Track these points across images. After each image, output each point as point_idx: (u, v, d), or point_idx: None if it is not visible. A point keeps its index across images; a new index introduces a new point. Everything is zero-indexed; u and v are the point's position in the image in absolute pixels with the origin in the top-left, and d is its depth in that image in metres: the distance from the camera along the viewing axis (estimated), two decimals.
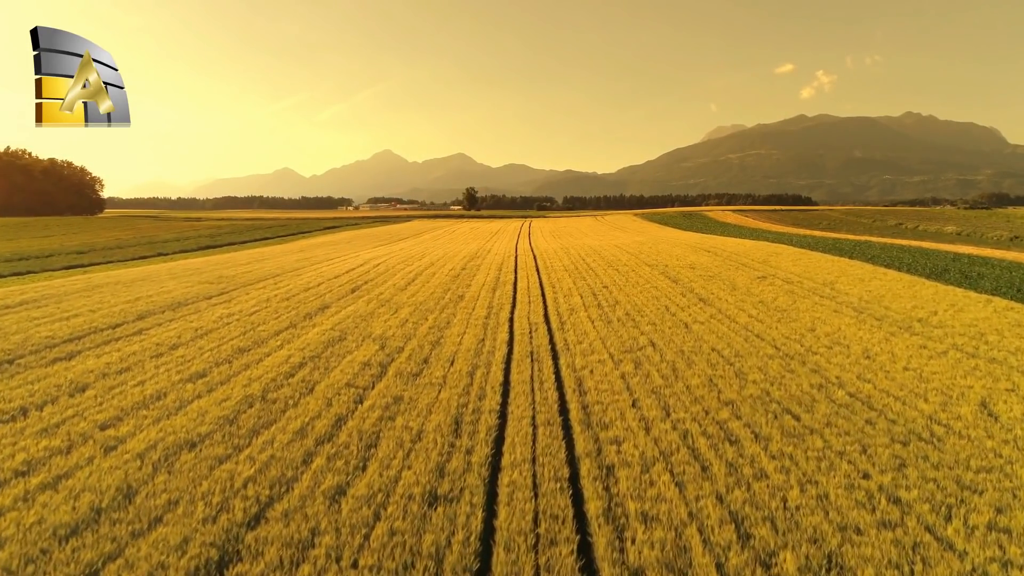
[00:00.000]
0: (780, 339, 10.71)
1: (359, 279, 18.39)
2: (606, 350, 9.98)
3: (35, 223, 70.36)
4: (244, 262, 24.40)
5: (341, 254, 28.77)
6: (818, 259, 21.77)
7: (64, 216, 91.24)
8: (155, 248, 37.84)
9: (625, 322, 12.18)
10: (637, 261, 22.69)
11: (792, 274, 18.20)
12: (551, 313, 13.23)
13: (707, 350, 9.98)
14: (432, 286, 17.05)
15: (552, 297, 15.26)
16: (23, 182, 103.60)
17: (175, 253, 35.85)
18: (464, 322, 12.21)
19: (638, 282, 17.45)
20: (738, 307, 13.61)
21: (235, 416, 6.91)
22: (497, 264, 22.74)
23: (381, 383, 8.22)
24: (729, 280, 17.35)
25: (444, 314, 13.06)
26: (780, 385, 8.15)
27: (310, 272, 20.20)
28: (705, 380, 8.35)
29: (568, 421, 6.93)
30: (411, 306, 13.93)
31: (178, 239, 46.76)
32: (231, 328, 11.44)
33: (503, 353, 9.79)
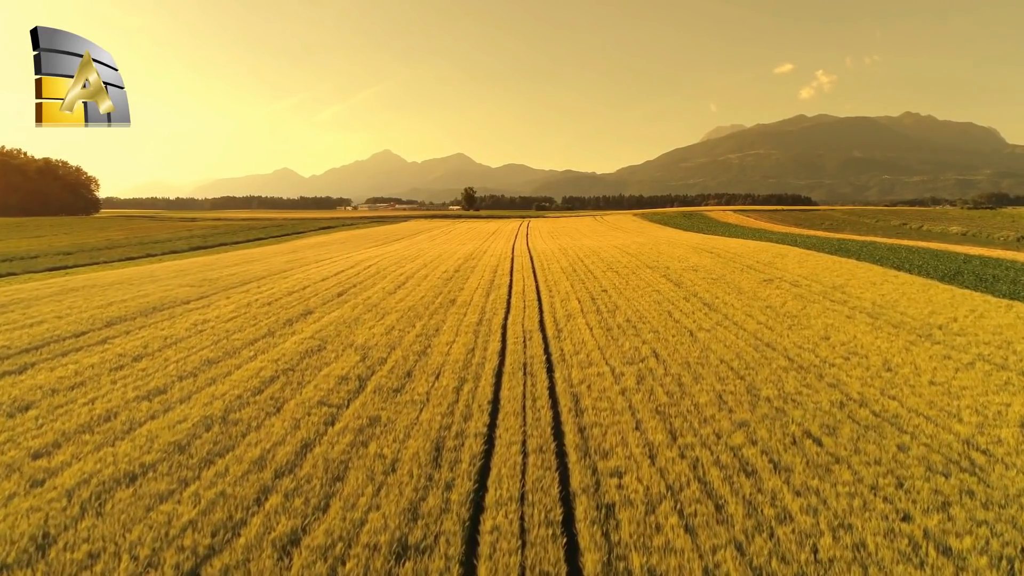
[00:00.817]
0: (793, 349, 9.95)
1: (347, 282, 17.62)
2: (605, 362, 9.22)
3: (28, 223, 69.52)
4: (231, 264, 23.62)
5: (333, 255, 28.00)
6: (825, 261, 21.02)
7: (58, 216, 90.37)
8: (144, 249, 37.03)
9: (626, 330, 11.42)
10: (637, 263, 21.94)
11: (799, 277, 17.45)
12: (547, 319, 12.47)
13: (715, 362, 9.22)
14: (423, 290, 16.28)
15: (548, 302, 14.50)
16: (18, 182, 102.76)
17: (164, 254, 35.05)
18: (454, 329, 11.45)
19: (639, 285, 16.69)
20: (745, 313, 12.85)
21: (188, 442, 6.13)
22: (492, 266, 21.98)
23: (357, 401, 7.45)
24: (734, 283, 16.60)
25: (434, 320, 12.29)
26: (797, 403, 7.39)
27: (298, 274, 19.42)
28: (714, 397, 7.59)
29: (563, 447, 6.17)
30: (399, 312, 13.17)
31: (170, 240, 45.95)
32: (203, 337, 10.67)
33: (494, 365, 9.03)
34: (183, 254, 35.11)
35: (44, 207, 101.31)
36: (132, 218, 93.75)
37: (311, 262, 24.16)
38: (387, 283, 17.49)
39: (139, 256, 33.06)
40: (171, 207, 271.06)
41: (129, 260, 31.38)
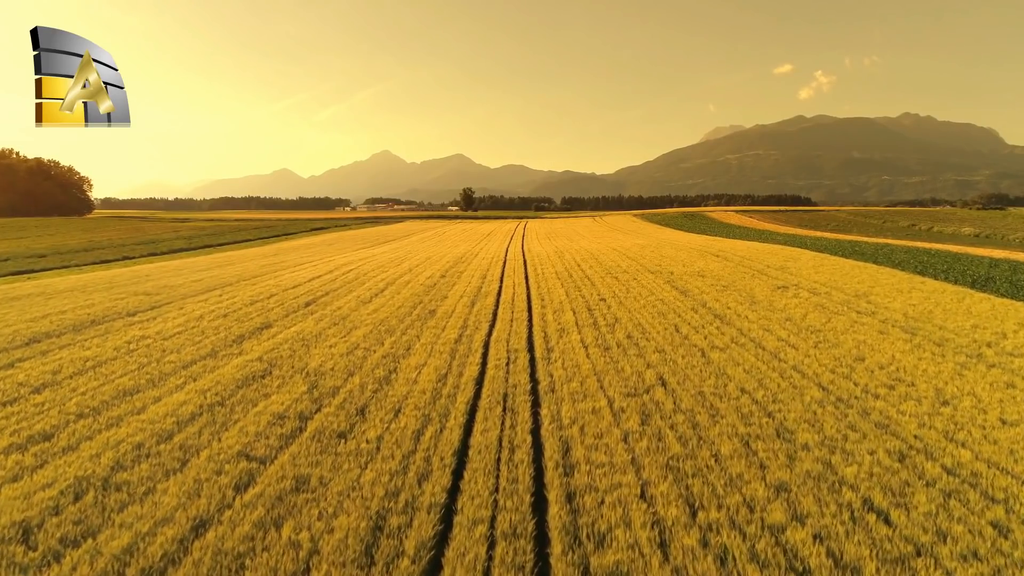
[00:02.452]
0: (824, 374, 8.39)
1: (320, 289, 16.04)
2: (603, 393, 7.65)
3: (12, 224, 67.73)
4: (203, 268, 22.03)
5: (315, 258, 26.42)
6: (841, 265, 19.48)
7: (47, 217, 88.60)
8: (123, 251, 35.43)
9: (627, 348, 9.85)
10: (639, 267, 20.37)
11: (817, 283, 15.90)
12: (536, 335, 10.89)
13: (734, 392, 7.66)
14: (402, 298, 14.70)
15: (540, 313, 12.93)
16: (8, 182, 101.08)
17: (143, 257, 33.48)
18: (428, 348, 9.87)
19: (641, 293, 15.12)
20: (763, 327, 11.29)
21: (39, 523, 4.56)
22: (482, 271, 20.40)
23: (288, 451, 5.88)
24: (746, 291, 15.04)
25: (406, 336, 10.71)
26: (846, 454, 5.83)
27: (269, 280, 17.84)
28: (739, 444, 6.02)
29: (544, 528, 4.60)
30: (369, 325, 11.59)
31: (154, 241, 44.36)
32: (131, 359, 9.08)
33: (468, 397, 7.45)
34: (162, 257, 33.54)
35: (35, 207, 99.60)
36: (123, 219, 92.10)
37: (289, 266, 22.57)
38: (364, 290, 15.91)
39: (114, 259, 31.48)
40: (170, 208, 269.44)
41: (103, 263, 29.80)
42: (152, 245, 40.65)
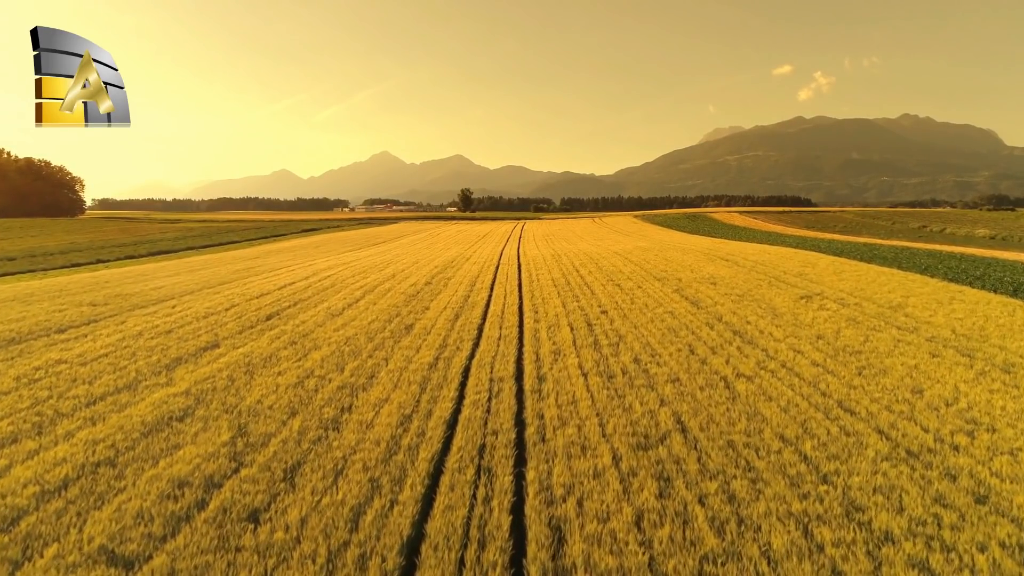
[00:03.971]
0: (881, 413, 6.74)
1: (289, 299, 14.36)
2: (607, 443, 5.99)
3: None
4: (171, 273, 20.34)
5: (296, 262, 24.74)
6: (864, 271, 17.84)
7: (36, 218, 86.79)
8: (99, 254, 33.73)
9: (634, 377, 8.19)
10: (643, 273, 18.72)
11: (843, 292, 14.25)
12: (527, 358, 9.22)
13: (773, 442, 6.00)
14: (378, 309, 13.03)
15: (532, 329, 11.27)
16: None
17: (118, 259, 31.79)
18: (395, 376, 8.20)
19: (647, 304, 13.47)
20: (792, 347, 9.64)
21: None
22: (472, 277, 18.73)
23: (172, 544, 4.21)
24: (766, 302, 13.39)
25: (373, 360, 9.04)
26: (947, 549, 4.17)
27: (235, 288, 16.16)
28: (797, 533, 4.36)
29: None
30: (333, 344, 9.92)
31: (136, 243, 42.68)
32: (27, 393, 7.40)
33: (433, 452, 5.79)
34: (140, 260, 31.85)
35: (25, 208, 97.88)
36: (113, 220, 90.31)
37: (265, 271, 20.89)
38: (337, 300, 14.24)
39: (86, 263, 29.78)
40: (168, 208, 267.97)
41: (74, 267, 28.13)
42: (133, 247, 38.95)
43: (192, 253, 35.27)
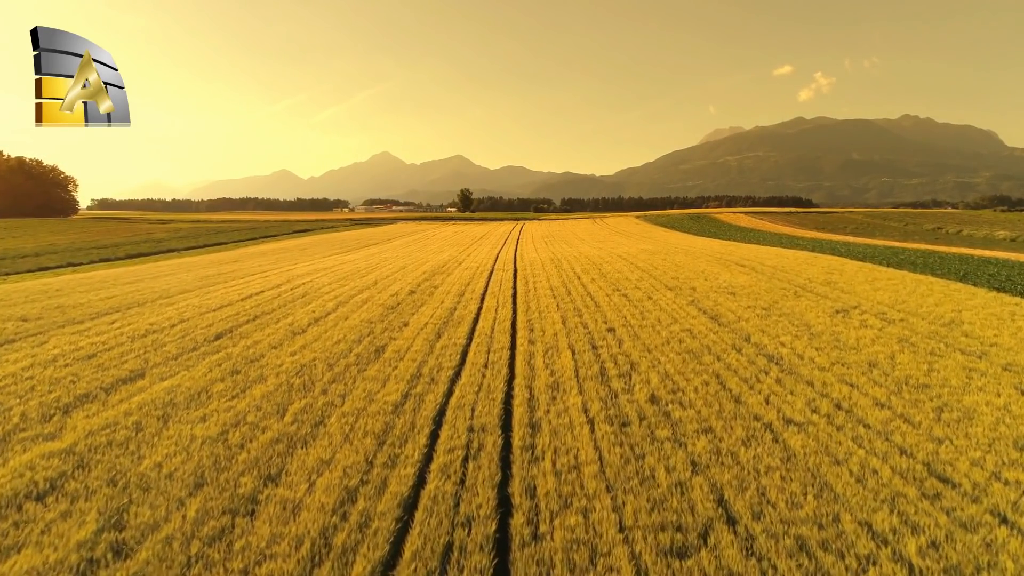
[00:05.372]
0: (992, 486, 4.95)
1: (249, 312, 12.56)
2: (626, 547, 4.19)
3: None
4: (131, 280, 18.54)
5: (276, 266, 22.94)
6: (898, 279, 16.06)
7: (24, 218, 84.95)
8: (73, 257, 31.95)
9: (655, 426, 6.40)
10: (652, 281, 16.94)
11: (883, 305, 12.46)
12: (517, 397, 7.43)
13: (861, 542, 4.22)
14: (348, 326, 11.25)
15: (526, 352, 9.48)
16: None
17: (91, 263, 30.00)
18: (348, 424, 6.42)
19: (660, 320, 11.68)
20: (842, 378, 7.86)
21: None
22: (461, 285, 16.93)
23: None
24: (796, 316, 11.60)
25: (325, 399, 7.26)
26: None
27: (192, 299, 14.36)
28: None
29: None
30: (282, 376, 8.13)
31: (116, 245, 40.90)
32: None
33: (373, 565, 4.00)
34: (116, 263, 30.07)
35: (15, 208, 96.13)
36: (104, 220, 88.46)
37: (237, 277, 19.09)
38: (304, 314, 12.45)
39: (56, 266, 28.00)
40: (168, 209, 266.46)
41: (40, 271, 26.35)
42: (112, 249, 37.14)
43: (173, 256, 33.50)
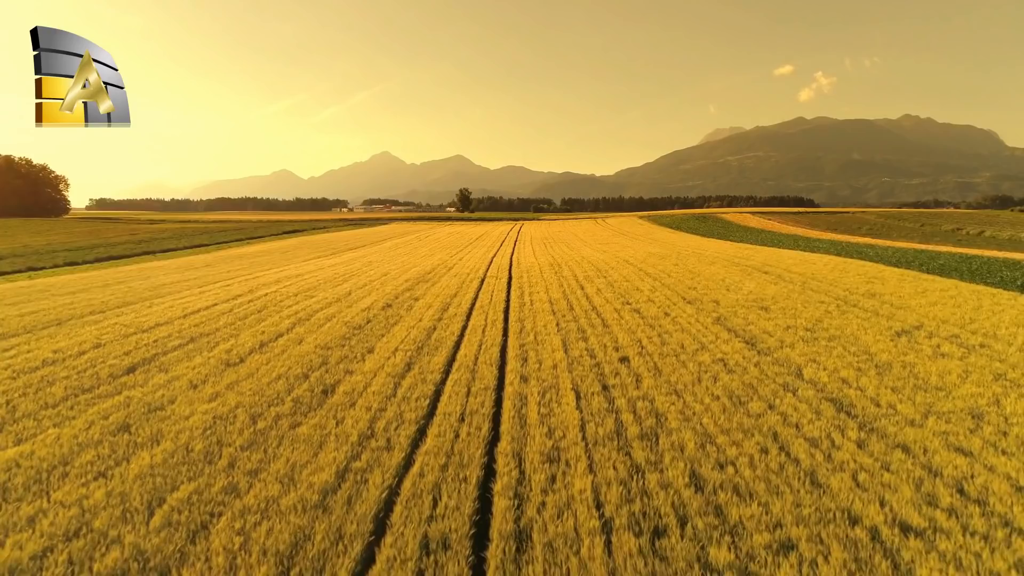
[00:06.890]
0: None
1: (182, 335, 10.37)
2: None
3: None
4: (75, 289, 16.35)
5: (245, 273, 20.77)
6: (950, 290, 13.90)
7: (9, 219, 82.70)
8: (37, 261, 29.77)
9: (705, 536, 4.23)
10: (666, 292, 14.76)
11: (950, 325, 10.27)
12: (501, 477, 5.24)
13: None
14: (297, 355, 9.07)
15: (516, 396, 7.29)
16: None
17: (54, 267, 27.84)
18: (240, 537, 4.25)
19: (683, 345, 9.50)
20: (948, 441, 5.69)
21: None
22: (446, 297, 14.74)
23: None
24: (851, 340, 9.42)
25: (225, 481, 5.08)
26: None
27: (128, 315, 12.17)
28: None
29: None
30: (182, 437, 5.96)
31: (91, 247, 38.73)
32: None
33: None
34: (81, 267, 27.93)
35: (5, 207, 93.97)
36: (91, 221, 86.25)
37: (196, 286, 16.92)
38: (250, 336, 10.26)
39: (12, 271, 25.82)
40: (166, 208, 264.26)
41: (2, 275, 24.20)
42: (84, 252, 34.94)
43: (145, 259, 31.33)
